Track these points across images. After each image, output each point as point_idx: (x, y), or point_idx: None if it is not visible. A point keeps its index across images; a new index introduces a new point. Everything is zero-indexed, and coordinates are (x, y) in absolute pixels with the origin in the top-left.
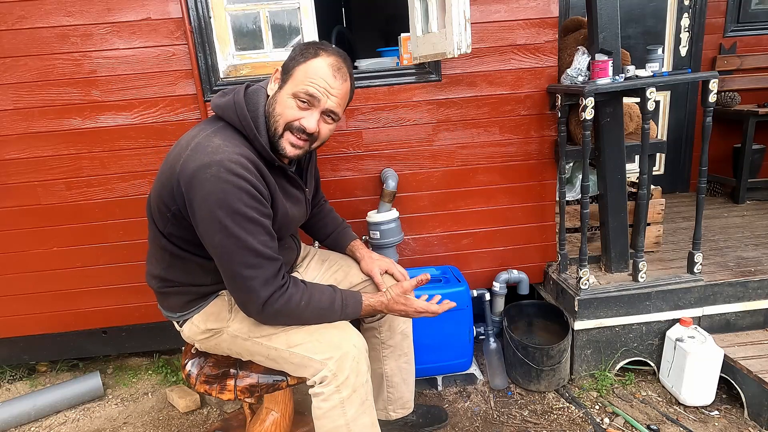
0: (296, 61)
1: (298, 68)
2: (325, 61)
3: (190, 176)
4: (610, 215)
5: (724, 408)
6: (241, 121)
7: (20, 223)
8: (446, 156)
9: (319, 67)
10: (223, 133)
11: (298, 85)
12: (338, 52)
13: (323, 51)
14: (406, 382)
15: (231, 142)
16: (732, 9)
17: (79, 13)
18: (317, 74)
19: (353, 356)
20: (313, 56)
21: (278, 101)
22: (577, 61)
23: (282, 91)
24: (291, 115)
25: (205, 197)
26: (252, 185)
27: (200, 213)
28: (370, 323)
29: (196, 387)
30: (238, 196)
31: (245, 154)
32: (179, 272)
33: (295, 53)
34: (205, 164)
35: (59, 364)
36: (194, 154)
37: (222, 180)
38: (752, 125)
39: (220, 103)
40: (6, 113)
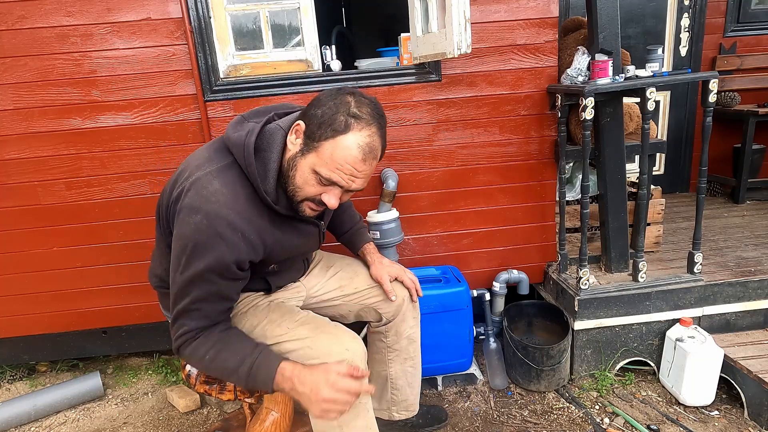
0: (324, 133)
1: (325, 143)
2: (356, 140)
3: (179, 210)
4: (610, 215)
5: (724, 408)
6: (247, 167)
7: (20, 223)
8: (446, 156)
9: (348, 149)
10: (226, 175)
11: (321, 166)
12: (374, 115)
13: (356, 122)
14: (410, 385)
15: (231, 190)
16: (732, 9)
17: (79, 13)
18: (345, 160)
19: (347, 361)
20: (344, 131)
21: (299, 170)
22: (577, 61)
23: (304, 159)
24: (312, 192)
25: (179, 236)
26: (231, 251)
27: (173, 244)
28: (376, 327)
29: (196, 387)
30: (205, 258)
31: (240, 210)
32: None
33: (323, 116)
34: (194, 208)
35: (59, 364)
36: (192, 189)
37: (200, 231)
38: (752, 125)
39: (232, 137)
40: (6, 113)
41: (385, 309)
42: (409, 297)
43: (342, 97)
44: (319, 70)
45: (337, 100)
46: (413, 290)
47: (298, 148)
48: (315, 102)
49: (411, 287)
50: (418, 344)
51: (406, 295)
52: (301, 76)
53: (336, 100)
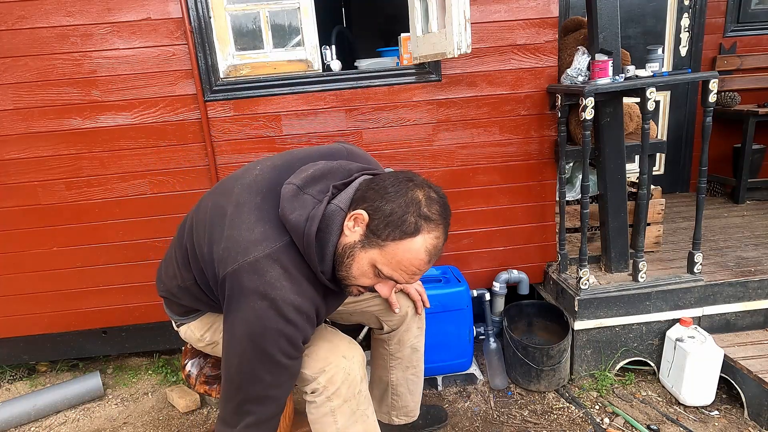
0: (392, 233)
1: (391, 244)
2: (425, 243)
3: (238, 292)
4: (610, 215)
5: (724, 408)
6: (306, 254)
7: (20, 223)
8: (446, 156)
9: (416, 252)
10: (286, 257)
11: (384, 265)
12: (441, 218)
13: (426, 225)
14: (411, 392)
15: (293, 275)
16: (732, 9)
17: (79, 13)
18: (411, 263)
19: (343, 368)
20: (413, 234)
21: (356, 260)
22: (577, 61)
23: (364, 252)
24: (367, 282)
25: (244, 322)
26: (299, 331)
27: (232, 328)
28: (379, 335)
29: (196, 387)
30: (276, 341)
31: (304, 293)
32: (190, 299)
33: (391, 214)
34: (258, 293)
35: (59, 364)
36: (252, 272)
37: (268, 318)
38: (752, 125)
39: (291, 219)
40: (6, 113)
41: (388, 319)
42: (414, 309)
43: (412, 194)
44: (319, 70)
45: (407, 197)
46: (419, 302)
47: (358, 238)
48: (381, 191)
49: (417, 299)
50: (421, 354)
51: (411, 306)
52: (301, 76)
53: (406, 197)
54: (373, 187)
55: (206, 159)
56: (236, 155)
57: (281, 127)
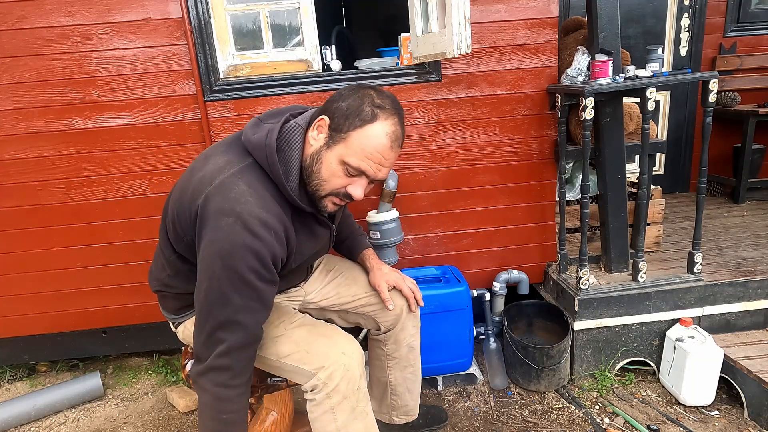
0: (351, 124)
1: (352, 133)
2: (383, 128)
3: (206, 216)
4: (610, 215)
5: (724, 408)
6: (270, 168)
7: (20, 223)
8: (446, 156)
9: (377, 137)
10: (250, 175)
11: (350, 156)
12: (395, 107)
13: (381, 112)
14: (410, 391)
15: (257, 190)
16: (732, 9)
17: (79, 13)
18: (375, 149)
19: (343, 364)
20: (371, 120)
21: (324, 162)
22: (577, 61)
23: (330, 152)
24: (338, 183)
25: (212, 242)
26: (267, 247)
27: (202, 253)
28: (375, 335)
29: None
30: (243, 257)
31: (270, 209)
32: (182, 281)
33: (348, 108)
34: (224, 210)
35: (59, 364)
36: (217, 193)
37: (234, 233)
38: (752, 125)
39: (252, 139)
40: (6, 113)
41: (383, 318)
42: (407, 306)
43: (364, 91)
44: (319, 70)
45: (359, 93)
46: (412, 300)
47: (323, 142)
48: (336, 97)
49: (410, 297)
50: (418, 352)
51: (405, 304)
52: (301, 76)
53: (358, 93)
54: (327, 100)
55: None
56: None
57: None
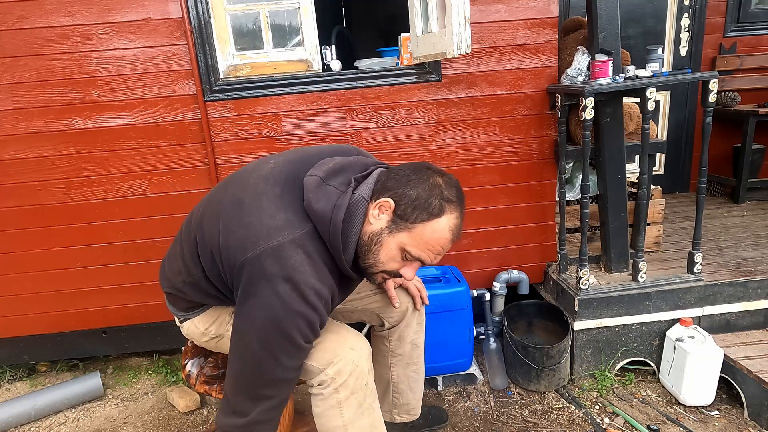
0: (418, 216)
1: (419, 225)
2: (448, 223)
3: (259, 276)
4: (610, 215)
5: (724, 408)
6: (332, 242)
7: (20, 223)
8: (446, 156)
9: (441, 231)
10: (310, 245)
11: (412, 246)
12: (460, 198)
13: (449, 206)
14: (412, 389)
15: (315, 261)
16: (732, 9)
17: (79, 13)
18: (437, 242)
19: (351, 359)
20: (438, 215)
21: (384, 246)
22: (577, 61)
23: (392, 237)
24: (394, 267)
25: (266, 306)
26: (319, 315)
27: (251, 313)
28: (379, 332)
29: (196, 387)
30: (297, 324)
31: (325, 280)
32: (197, 293)
33: (417, 199)
34: (281, 277)
35: (59, 364)
36: (275, 257)
37: (291, 300)
38: (752, 125)
39: (316, 208)
40: (6, 113)
41: (388, 315)
42: (413, 304)
43: (433, 179)
44: (319, 70)
45: (429, 182)
46: (417, 298)
47: (384, 225)
48: (404, 180)
49: (415, 294)
50: (421, 350)
51: (410, 302)
52: (301, 76)
53: (429, 182)
54: (393, 176)
55: (206, 159)
56: (236, 155)
57: (281, 127)
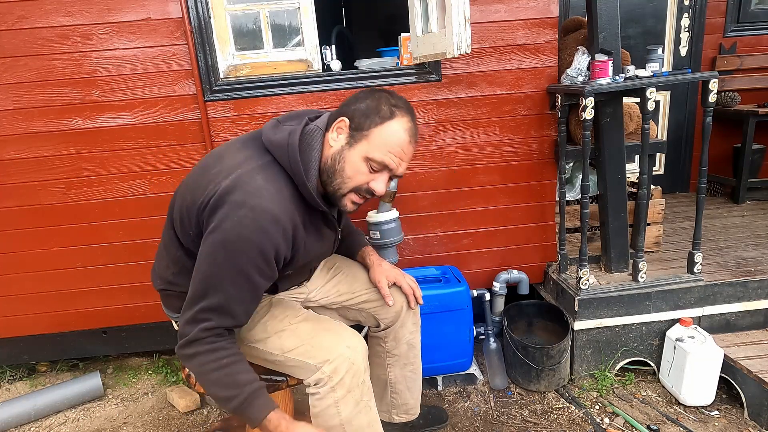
0: (372, 121)
1: (374, 130)
2: (401, 124)
3: (219, 204)
4: (610, 215)
5: (724, 408)
6: (291, 166)
7: (20, 223)
8: (446, 156)
9: (397, 133)
10: (269, 171)
11: (373, 151)
12: (408, 107)
13: (398, 110)
14: (410, 389)
15: (275, 187)
16: (732, 9)
17: (79, 13)
18: (396, 143)
19: (348, 358)
20: (389, 117)
21: (348, 161)
22: (577, 61)
23: (353, 150)
24: (362, 180)
25: (220, 229)
26: (274, 246)
27: (208, 237)
28: (375, 332)
29: (196, 387)
30: (247, 251)
31: (284, 206)
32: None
33: (367, 108)
34: (238, 202)
35: (59, 364)
36: (233, 186)
37: (243, 225)
38: (752, 125)
39: (273, 139)
40: (6, 113)
41: (383, 315)
42: (407, 303)
43: (378, 93)
44: (319, 70)
45: (375, 95)
46: (411, 297)
47: (344, 142)
48: (352, 100)
49: (409, 293)
50: (418, 349)
51: (404, 301)
52: (301, 76)
53: (374, 95)
54: (343, 103)
55: None
56: None
57: None
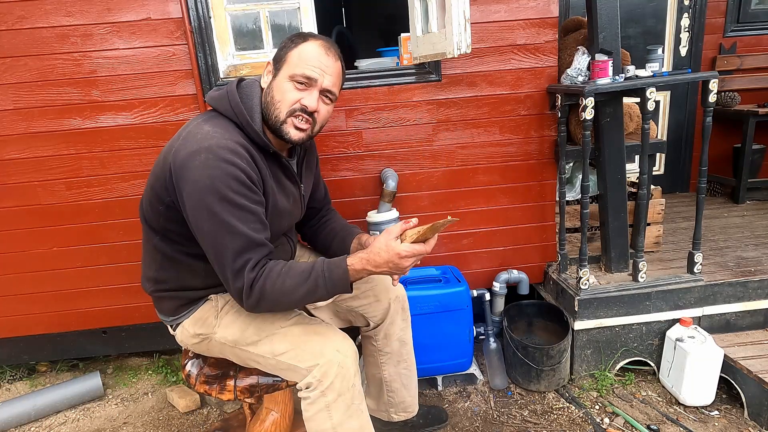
0: (287, 48)
1: (290, 53)
2: (314, 44)
3: (180, 164)
4: (610, 215)
5: (724, 408)
6: (233, 109)
7: (20, 223)
8: (446, 156)
9: (310, 49)
10: (214, 120)
11: (293, 68)
12: (324, 37)
13: (311, 36)
14: (406, 387)
15: (222, 128)
16: (732, 9)
17: (79, 13)
18: (310, 55)
19: (337, 362)
20: (303, 41)
21: (275, 88)
22: (577, 61)
23: (278, 78)
24: (292, 98)
25: (194, 184)
26: (242, 171)
27: (190, 201)
28: (366, 331)
29: (196, 387)
30: (226, 183)
31: (236, 140)
32: (170, 274)
33: (284, 43)
34: (194, 151)
35: (59, 364)
36: (185, 142)
37: (210, 166)
38: (752, 125)
39: (214, 95)
40: (6, 113)
41: (372, 313)
42: (396, 299)
43: (297, 32)
44: None
45: (294, 34)
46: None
47: (271, 77)
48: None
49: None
50: (410, 346)
51: (393, 297)
52: None
53: (293, 34)
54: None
55: None
56: None
57: None
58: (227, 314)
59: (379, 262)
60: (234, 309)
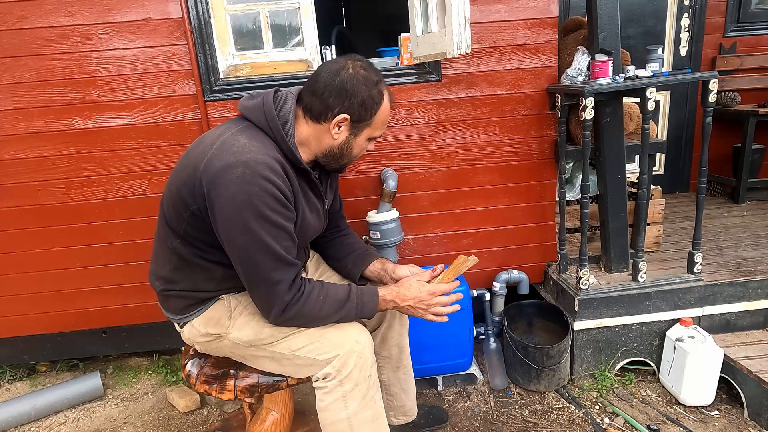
0: (371, 111)
1: (377, 115)
2: (388, 99)
3: (213, 176)
4: (610, 215)
5: (724, 408)
6: (269, 123)
7: (20, 223)
8: (446, 156)
9: (387, 108)
10: (249, 132)
11: (375, 131)
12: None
13: (382, 86)
14: (405, 391)
15: (258, 142)
16: (732, 9)
17: (79, 13)
18: (386, 114)
19: (356, 352)
20: (381, 98)
21: (356, 146)
22: (577, 61)
23: (359, 137)
24: (364, 151)
25: (229, 198)
26: (278, 188)
27: (223, 214)
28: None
29: (196, 387)
30: (264, 200)
31: (272, 155)
32: (185, 275)
33: (365, 102)
34: (230, 164)
35: (59, 364)
36: (219, 153)
37: (248, 182)
38: (752, 125)
39: (248, 105)
40: (6, 113)
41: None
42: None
43: (358, 75)
44: None
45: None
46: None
47: (347, 134)
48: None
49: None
50: (407, 352)
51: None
52: (301, 76)
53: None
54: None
55: None
56: None
57: None
58: (241, 315)
59: (407, 296)
60: (247, 310)
